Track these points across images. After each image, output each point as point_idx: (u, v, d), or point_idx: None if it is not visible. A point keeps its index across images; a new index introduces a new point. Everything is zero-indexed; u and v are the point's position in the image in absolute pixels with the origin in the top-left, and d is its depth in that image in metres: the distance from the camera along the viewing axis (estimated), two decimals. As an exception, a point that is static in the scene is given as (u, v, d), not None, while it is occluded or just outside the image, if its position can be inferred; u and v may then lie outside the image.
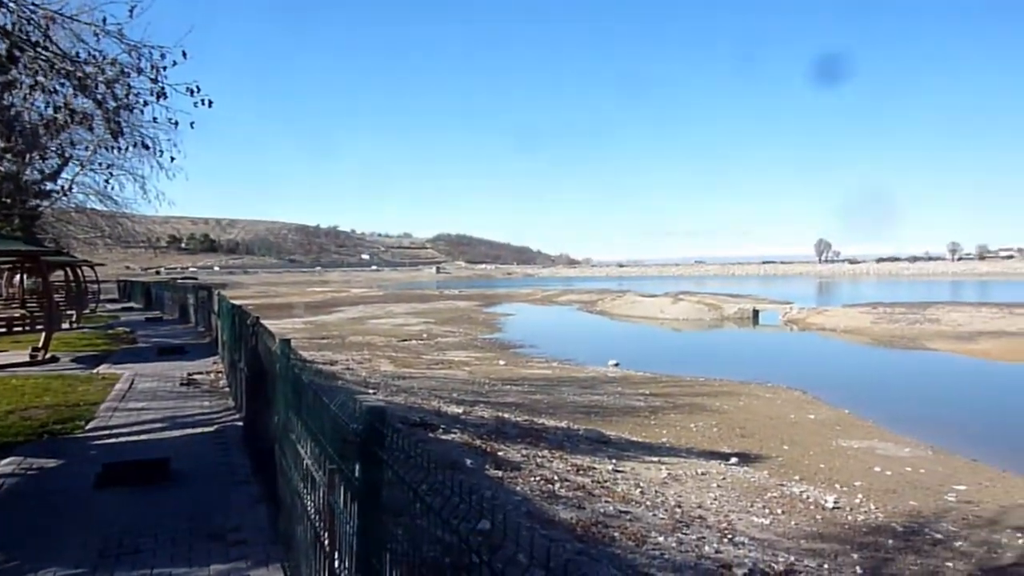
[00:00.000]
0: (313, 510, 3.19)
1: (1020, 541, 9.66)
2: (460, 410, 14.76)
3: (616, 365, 27.86)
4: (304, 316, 55.15)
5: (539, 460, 10.65)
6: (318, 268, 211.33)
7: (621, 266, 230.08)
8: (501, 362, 28.51)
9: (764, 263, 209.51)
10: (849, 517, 10.29)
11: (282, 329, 39.22)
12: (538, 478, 9.27)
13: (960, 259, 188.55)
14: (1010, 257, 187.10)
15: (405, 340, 36.52)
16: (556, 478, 9.50)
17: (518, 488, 8.62)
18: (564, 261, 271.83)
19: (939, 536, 9.71)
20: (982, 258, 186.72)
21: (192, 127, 9.13)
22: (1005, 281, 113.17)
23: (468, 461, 9.37)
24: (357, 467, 2.32)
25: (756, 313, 51.31)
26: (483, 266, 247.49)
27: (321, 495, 2.97)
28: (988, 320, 40.81)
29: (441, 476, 2.24)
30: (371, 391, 16.31)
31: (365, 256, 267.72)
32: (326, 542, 2.80)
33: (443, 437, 11.03)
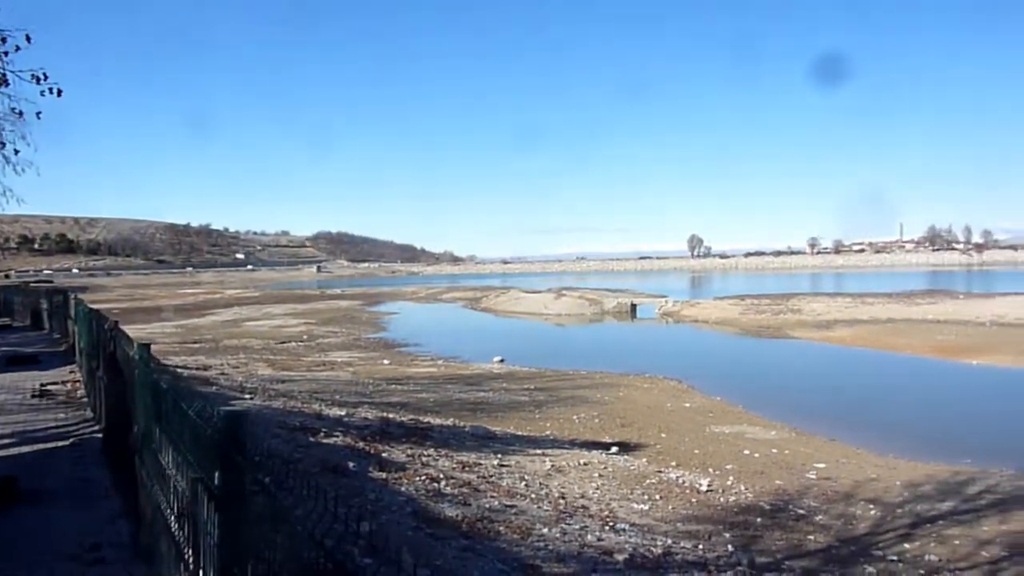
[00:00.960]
0: (175, 523, 2.99)
1: (872, 512, 10.46)
2: (343, 412, 14.42)
3: (501, 361, 28.08)
4: (175, 320, 52.30)
5: (425, 459, 10.55)
6: (189, 269, 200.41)
7: (505, 263, 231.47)
8: (386, 361, 28.11)
9: (641, 259, 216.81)
10: (722, 499, 10.81)
11: (150, 334, 37.03)
12: (423, 477, 9.18)
13: (819, 253, 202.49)
14: (862, 251, 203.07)
15: (284, 342, 35.35)
16: (442, 476, 9.44)
17: (403, 488, 8.50)
18: (448, 259, 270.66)
19: (802, 512, 10.37)
20: (838, 252, 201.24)
21: (39, 117, 8.41)
22: (857, 273, 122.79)
23: (351, 464, 9.15)
24: (216, 475, 2.18)
25: (634, 307, 53.11)
26: (366, 264, 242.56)
27: (183, 506, 2.78)
28: (843, 309, 44.06)
29: (302, 482, 2.14)
30: (247, 396, 15.65)
31: (240, 255, 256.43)
32: (189, 556, 2.63)
33: (325, 440, 10.73)
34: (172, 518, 3.07)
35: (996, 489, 11.65)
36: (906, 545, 9.11)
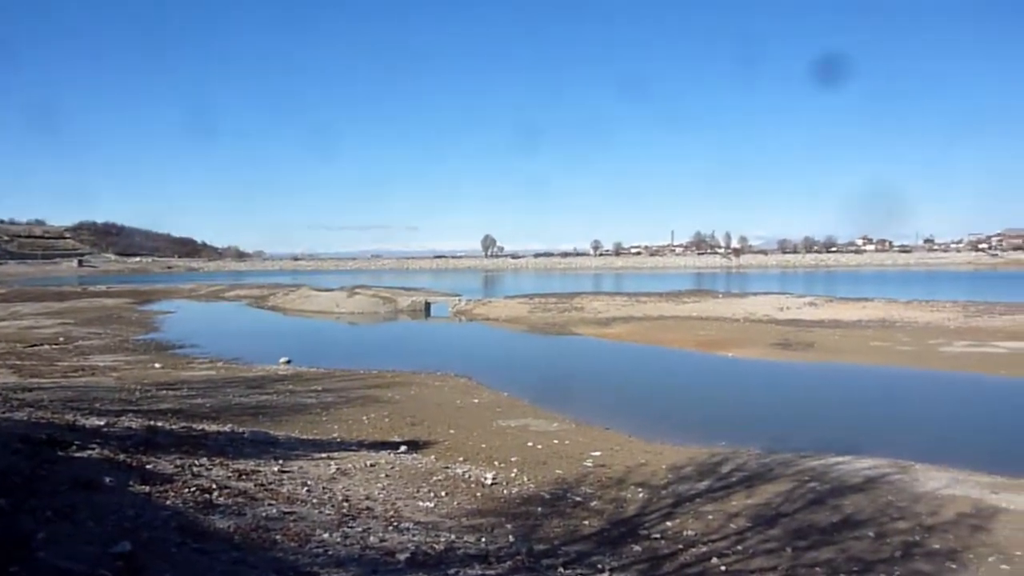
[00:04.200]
0: None
1: (640, 495, 11.28)
2: (102, 422, 13.00)
3: (288, 362, 26.94)
4: None
5: (196, 469, 9.79)
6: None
7: (296, 259, 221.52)
8: (157, 365, 25.87)
9: (437, 257, 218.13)
10: (505, 491, 11.11)
11: None
12: (193, 488, 8.49)
13: (601, 255, 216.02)
14: (638, 254, 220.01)
15: (35, 345, 31.33)
16: (215, 486, 8.80)
17: (168, 502, 7.80)
18: (233, 254, 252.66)
19: (579, 498, 10.94)
20: (618, 254, 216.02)
21: None
22: (635, 274, 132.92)
23: (107, 479, 8.24)
24: None
25: (428, 305, 53.42)
26: (138, 259, 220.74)
27: None
28: (620, 307, 47.38)
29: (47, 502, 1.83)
30: (-18, 407, 13.64)
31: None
32: None
33: (77, 455, 9.58)
34: None
35: (744, 467, 13.05)
36: (668, 523, 9.92)
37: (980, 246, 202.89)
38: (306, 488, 9.74)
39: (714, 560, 8.54)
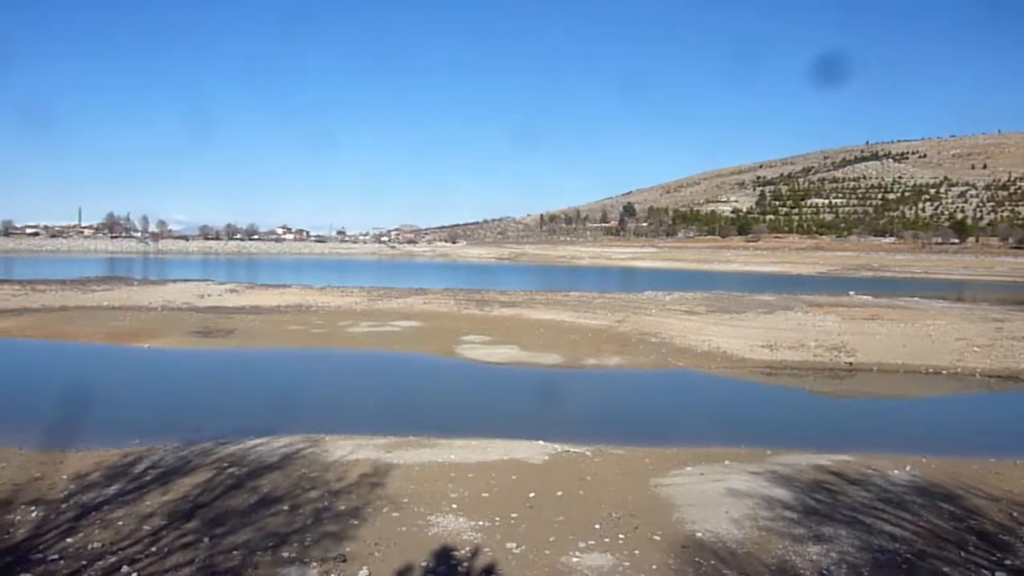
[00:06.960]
0: None
1: (34, 514, 9.78)
2: None
3: None
4: None
5: None
6: None
7: None
8: None
9: None
10: None
11: None
12: None
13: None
14: (36, 235, 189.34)
15: None
16: None
17: None
18: None
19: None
20: (8, 234, 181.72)
21: None
22: (31, 258, 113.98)
23: None
24: None
25: None
26: None
27: None
28: (10, 298, 40.24)
29: None
30: None
31: None
32: None
33: None
34: None
35: (161, 463, 12.46)
36: (70, 539, 8.85)
37: (382, 238, 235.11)
38: None
39: (124, 568, 7.97)
